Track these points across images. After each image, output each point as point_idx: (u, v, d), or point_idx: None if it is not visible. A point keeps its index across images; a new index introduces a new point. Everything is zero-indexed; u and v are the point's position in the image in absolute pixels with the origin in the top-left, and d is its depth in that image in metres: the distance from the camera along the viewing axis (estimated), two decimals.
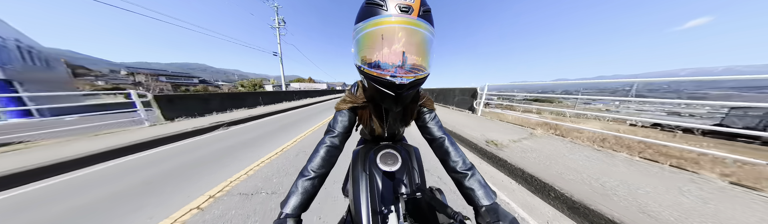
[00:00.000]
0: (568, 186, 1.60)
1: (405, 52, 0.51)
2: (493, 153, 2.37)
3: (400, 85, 0.53)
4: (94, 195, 1.84)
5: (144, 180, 2.09)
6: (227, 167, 2.41)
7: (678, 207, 1.35)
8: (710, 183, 1.71)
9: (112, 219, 1.54)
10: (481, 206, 0.54)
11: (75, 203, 1.74)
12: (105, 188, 1.97)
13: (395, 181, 0.72)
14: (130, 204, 1.73)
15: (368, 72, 0.55)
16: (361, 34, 0.53)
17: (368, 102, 0.74)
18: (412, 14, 0.49)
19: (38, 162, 2.21)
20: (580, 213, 1.42)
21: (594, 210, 1.33)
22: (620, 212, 1.31)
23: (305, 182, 0.58)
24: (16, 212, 1.66)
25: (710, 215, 1.30)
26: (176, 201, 1.74)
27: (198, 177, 2.15)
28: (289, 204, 0.55)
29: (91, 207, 1.69)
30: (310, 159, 0.65)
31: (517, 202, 1.67)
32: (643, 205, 1.37)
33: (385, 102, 0.70)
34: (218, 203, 1.68)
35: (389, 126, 0.86)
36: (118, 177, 2.18)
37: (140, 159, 2.69)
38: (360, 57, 0.56)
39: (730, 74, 2.30)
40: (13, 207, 1.73)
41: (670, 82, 15.27)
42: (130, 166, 2.48)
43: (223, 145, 3.32)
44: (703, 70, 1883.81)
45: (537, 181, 1.77)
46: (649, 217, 1.29)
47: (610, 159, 2.18)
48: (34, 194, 1.90)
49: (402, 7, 0.49)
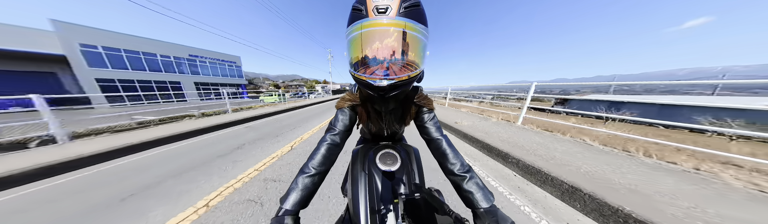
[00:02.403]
0: (489, 139, 2.87)
1: (384, 55, 0.51)
2: (454, 128, 3.92)
3: (380, 87, 0.54)
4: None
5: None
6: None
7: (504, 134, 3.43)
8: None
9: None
10: (480, 208, 0.54)
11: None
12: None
13: (394, 181, 0.71)
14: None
15: (354, 75, 0.58)
16: (347, 40, 0.55)
17: (364, 102, 0.75)
18: (390, 14, 0.49)
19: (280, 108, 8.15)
20: (488, 148, 2.73)
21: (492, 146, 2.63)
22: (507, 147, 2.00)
23: (305, 179, 0.58)
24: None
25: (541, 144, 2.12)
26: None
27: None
28: (289, 200, 0.54)
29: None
30: (311, 156, 0.64)
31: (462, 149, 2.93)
32: (515, 142, 2.58)
33: (375, 102, 0.72)
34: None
35: (388, 126, 0.86)
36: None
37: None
38: (350, 61, 0.58)
39: (728, 74, 2.36)
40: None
41: (652, 84, 15.23)
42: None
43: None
44: (701, 70, 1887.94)
45: (470, 136, 3.32)
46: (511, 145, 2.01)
47: (509, 126, 3.83)
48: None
49: (379, 8, 0.49)
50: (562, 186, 1.64)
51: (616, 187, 1.51)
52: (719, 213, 1.24)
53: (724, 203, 1.34)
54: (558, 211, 1.52)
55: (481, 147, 2.89)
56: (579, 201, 1.50)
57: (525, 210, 1.55)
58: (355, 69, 0.57)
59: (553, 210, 1.53)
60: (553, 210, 1.53)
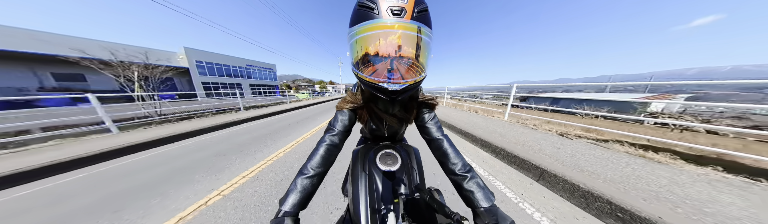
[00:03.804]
0: (460, 123, 3.83)
1: (397, 58, 0.47)
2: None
3: (394, 91, 0.51)
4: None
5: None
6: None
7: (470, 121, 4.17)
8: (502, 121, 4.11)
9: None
10: (480, 208, 0.51)
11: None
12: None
13: (394, 181, 0.70)
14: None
15: (362, 77, 0.52)
16: (354, 40, 0.50)
17: (367, 103, 0.71)
18: (405, 17, 0.46)
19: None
20: (462, 132, 3.40)
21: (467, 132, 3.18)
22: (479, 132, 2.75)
23: (304, 180, 0.55)
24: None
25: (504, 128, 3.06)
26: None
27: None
28: (288, 202, 0.51)
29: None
30: (310, 157, 0.60)
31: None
32: (486, 128, 3.14)
33: (379, 103, 0.71)
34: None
35: (388, 126, 0.82)
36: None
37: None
38: (354, 62, 0.53)
39: (737, 73, 3.23)
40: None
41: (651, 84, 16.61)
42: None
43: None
44: (709, 70, 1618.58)
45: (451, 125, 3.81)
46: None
47: (473, 115, 5.03)
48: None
49: (394, 10, 0.45)
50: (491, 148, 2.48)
51: (517, 143, 2.36)
52: (536, 138, 2.65)
53: (533, 134, 2.59)
54: (490, 162, 2.23)
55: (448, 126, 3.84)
56: (498, 154, 2.34)
57: (475, 167, 2.10)
58: (362, 70, 0.52)
59: (487, 164, 2.22)
60: (487, 164, 2.22)
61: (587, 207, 1.36)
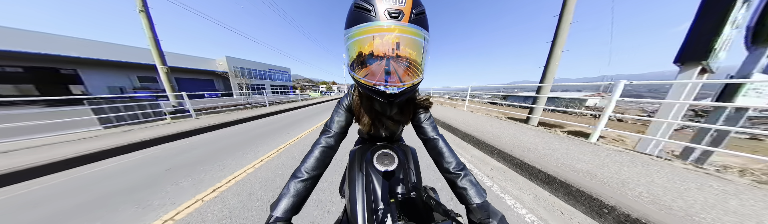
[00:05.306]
0: (444, 116, 4.28)
1: (395, 61, 0.44)
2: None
3: (392, 94, 0.48)
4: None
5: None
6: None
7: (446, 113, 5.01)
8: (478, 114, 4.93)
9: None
10: (473, 204, 0.50)
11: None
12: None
13: (392, 181, 0.68)
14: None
15: (359, 80, 0.48)
16: (351, 42, 0.46)
17: (364, 104, 0.66)
18: (402, 20, 0.43)
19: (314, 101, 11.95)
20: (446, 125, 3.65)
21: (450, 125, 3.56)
22: (457, 125, 3.36)
23: (298, 184, 0.51)
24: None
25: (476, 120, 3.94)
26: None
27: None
28: (280, 206, 0.47)
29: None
30: (304, 160, 0.56)
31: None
32: (464, 121, 3.75)
33: (378, 106, 0.67)
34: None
35: (387, 127, 0.77)
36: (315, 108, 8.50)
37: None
38: (351, 64, 0.48)
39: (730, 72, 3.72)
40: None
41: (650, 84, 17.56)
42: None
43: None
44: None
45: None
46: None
47: (458, 110, 5.56)
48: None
49: (392, 12, 0.42)
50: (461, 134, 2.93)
51: (479, 130, 2.91)
52: (478, 120, 3.64)
53: (485, 120, 3.36)
54: (460, 144, 2.67)
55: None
56: (466, 139, 2.81)
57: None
58: (359, 73, 0.47)
59: (460, 146, 2.61)
60: (460, 146, 2.61)
61: (490, 153, 2.27)
